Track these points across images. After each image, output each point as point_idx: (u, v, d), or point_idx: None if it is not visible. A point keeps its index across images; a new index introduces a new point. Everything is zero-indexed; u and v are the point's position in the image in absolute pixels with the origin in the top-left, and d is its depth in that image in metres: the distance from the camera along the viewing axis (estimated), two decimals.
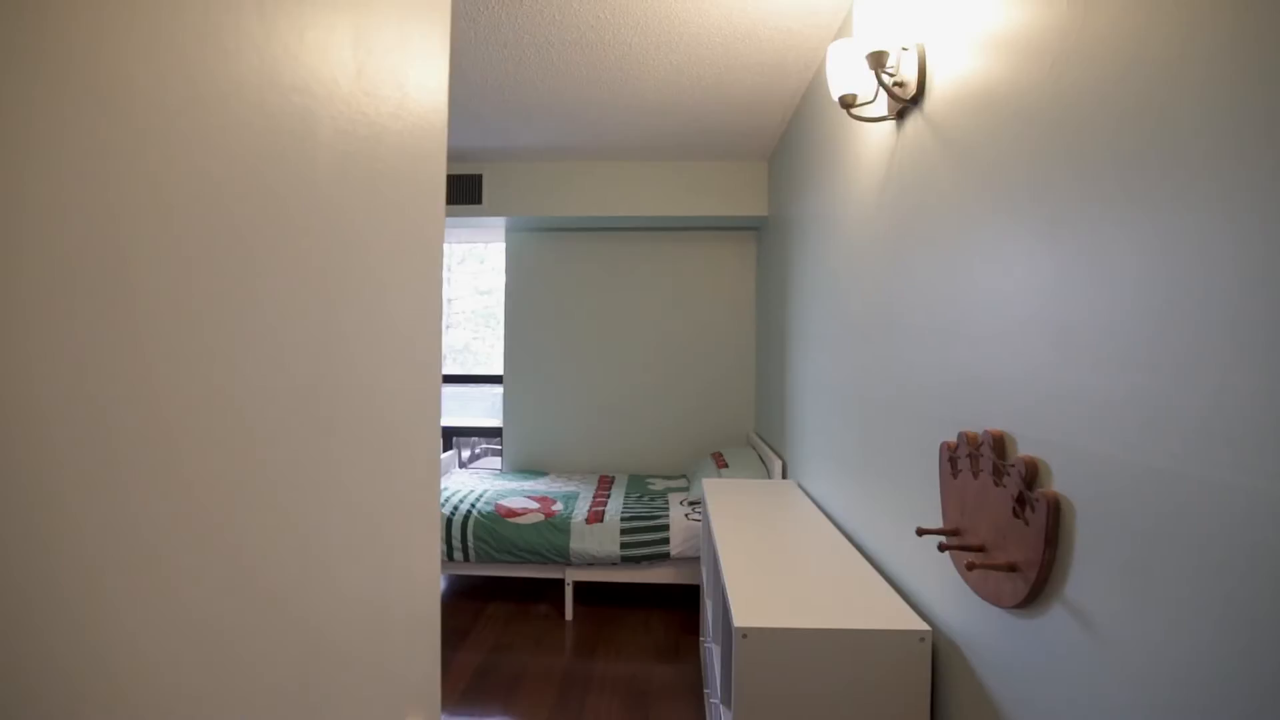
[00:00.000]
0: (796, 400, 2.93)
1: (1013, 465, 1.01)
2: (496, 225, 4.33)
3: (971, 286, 1.22)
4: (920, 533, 1.23)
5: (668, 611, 3.46)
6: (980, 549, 1.10)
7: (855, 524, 1.97)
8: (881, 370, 1.74)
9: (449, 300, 6.10)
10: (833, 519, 2.23)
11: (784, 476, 3.15)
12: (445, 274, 6.29)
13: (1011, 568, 0.99)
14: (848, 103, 1.65)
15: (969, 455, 1.16)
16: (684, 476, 4.25)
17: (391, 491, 0.63)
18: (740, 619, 1.39)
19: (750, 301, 4.39)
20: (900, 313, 1.60)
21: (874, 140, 1.82)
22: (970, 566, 1.01)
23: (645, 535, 3.26)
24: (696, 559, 3.25)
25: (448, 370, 5.78)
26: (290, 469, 0.46)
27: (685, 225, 4.27)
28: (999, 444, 1.08)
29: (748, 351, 4.39)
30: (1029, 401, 1.02)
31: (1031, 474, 0.97)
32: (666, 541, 3.23)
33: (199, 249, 0.36)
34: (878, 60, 1.48)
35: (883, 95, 1.63)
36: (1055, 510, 0.91)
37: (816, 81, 2.59)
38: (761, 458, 3.61)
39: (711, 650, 2.30)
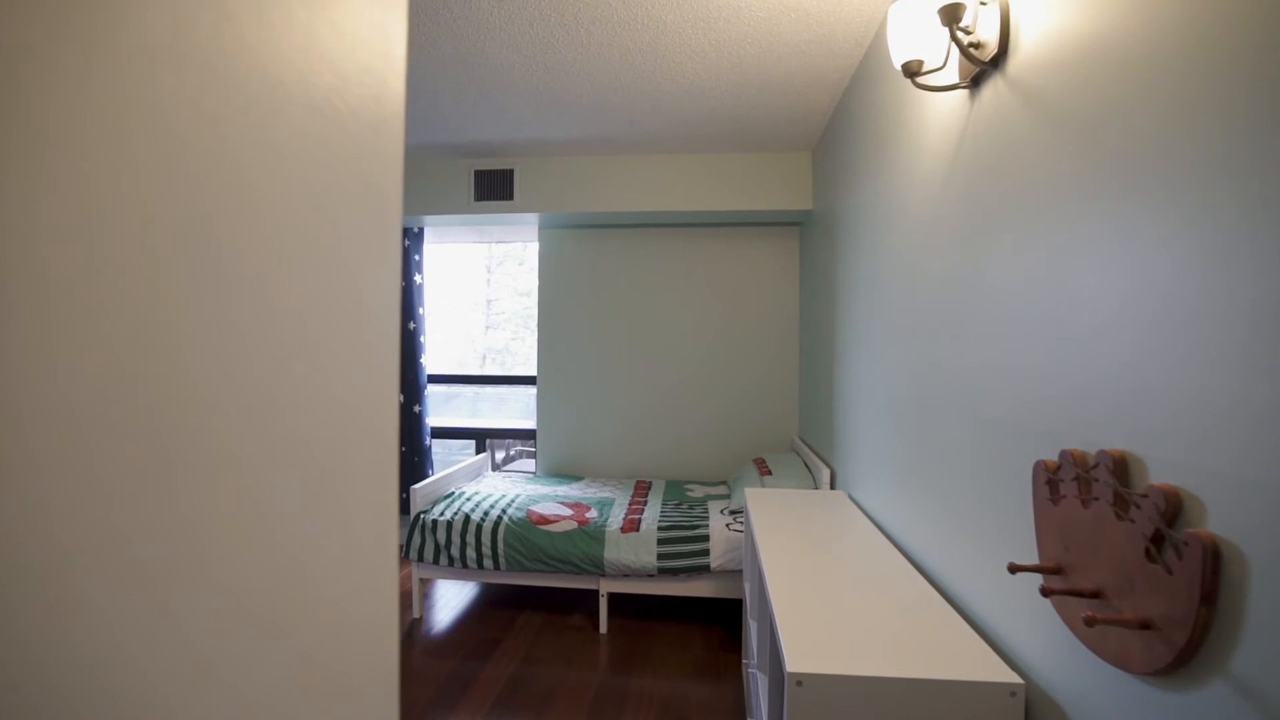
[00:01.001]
0: (846, 405, 2.72)
1: (1144, 496, 0.81)
2: (529, 222, 4.20)
3: (1076, 275, 1.02)
4: (1014, 570, 1.03)
5: (707, 627, 3.28)
6: (1095, 595, 0.90)
7: (920, 548, 1.76)
8: (950, 374, 1.54)
9: (489, 301, 6.12)
10: (892, 539, 2.03)
11: (832, 487, 2.94)
12: (485, 275, 6.31)
13: (1145, 625, 0.79)
14: (912, 70, 1.45)
15: (1076, 479, 0.96)
16: (724, 483, 4.06)
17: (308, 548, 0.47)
18: (794, 662, 1.21)
19: (793, 300, 4.17)
20: (975, 308, 1.40)
21: (941, 114, 1.62)
22: (1090, 622, 0.81)
23: (684, 546, 3.08)
24: (738, 572, 3.06)
25: (488, 371, 5.70)
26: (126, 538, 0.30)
27: (724, 221, 4.07)
28: (1120, 467, 0.87)
29: (790, 352, 4.17)
30: (1164, 415, 0.81)
31: (1173, 508, 0.77)
32: (706, 553, 3.05)
33: None
34: (951, 15, 1.27)
35: (954, 59, 1.43)
36: (1213, 558, 0.71)
37: (868, 60, 2.38)
38: (807, 465, 3.40)
39: (756, 678, 2.12)
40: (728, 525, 3.13)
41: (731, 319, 4.23)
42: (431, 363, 5.32)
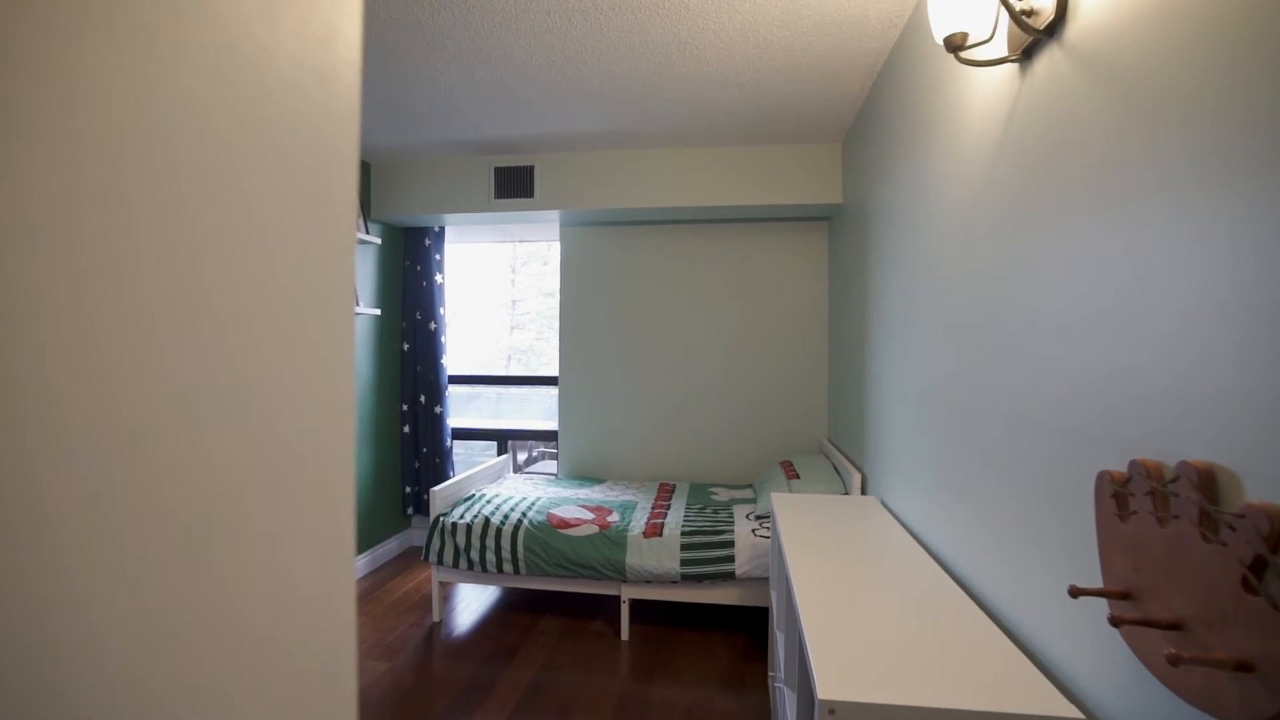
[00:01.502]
0: (879, 407, 2.59)
1: (1239, 516, 0.69)
2: (551, 220, 4.13)
3: (1151, 265, 0.90)
4: (1075, 594, 0.91)
5: (731, 635, 3.17)
6: (1175, 626, 0.78)
7: (963, 561, 1.64)
8: (995, 374, 1.42)
9: (513, 302, 6.12)
10: (930, 550, 1.91)
11: (863, 492, 2.82)
12: (510, 275, 6.28)
13: (1241, 666, 0.68)
14: (956, 44, 1.33)
15: (1149, 493, 0.85)
16: (750, 486, 3.95)
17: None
18: (826, 687, 1.11)
19: (822, 297, 4.04)
20: (1025, 303, 1.28)
21: (986, 93, 1.50)
22: (1174, 661, 0.70)
23: (708, 552, 2.98)
24: (764, 580, 2.95)
25: (513, 372, 5.66)
26: None
27: (750, 216, 3.96)
28: (1208, 482, 0.76)
29: (819, 352, 4.04)
30: (1260, 424, 0.70)
31: (1278, 532, 0.65)
32: (731, 560, 2.94)
33: None
34: None
35: (1003, 29, 1.31)
36: None
37: (904, 39, 2.26)
38: (836, 469, 3.27)
39: (783, 693, 2.01)
40: (753, 531, 3.02)
41: (758, 317, 4.11)
42: (457, 363, 5.28)
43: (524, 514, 3.30)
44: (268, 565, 0.42)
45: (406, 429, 4.44)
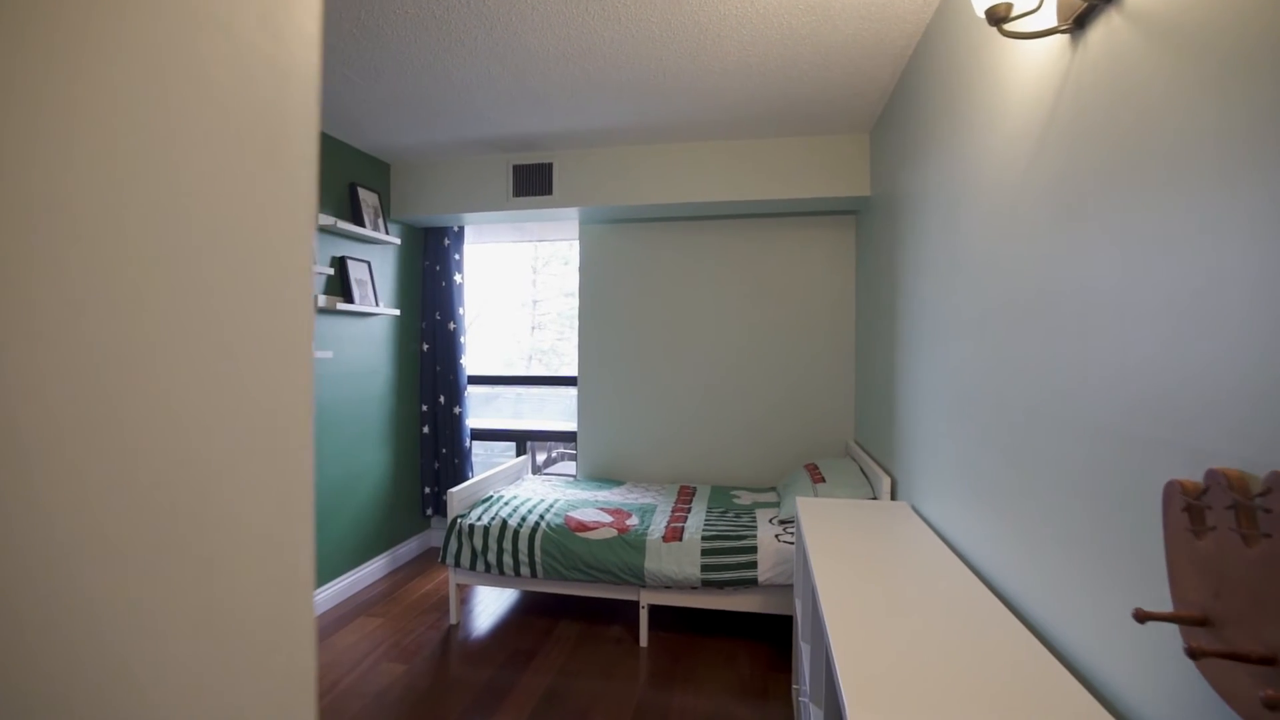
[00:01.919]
0: (910, 407, 2.48)
1: None
2: (570, 218, 4.06)
3: (1230, 252, 0.80)
4: (1142, 618, 0.81)
5: (754, 643, 3.07)
6: (1268, 661, 0.68)
7: (1005, 575, 1.54)
8: (1041, 373, 1.31)
9: (535, 302, 6.12)
10: (968, 561, 1.80)
11: (893, 497, 2.71)
12: (531, 276, 6.25)
13: None
14: (999, 16, 1.23)
15: (1232, 507, 0.75)
16: (774, 489, 3.84)
17: None
18: (857, 712, 1.02)
19: (848, 294, 3.93)
20: (1074, 296, 1.18)
21: (1031, 69, 1.39)
22: (1272, 704, 0.60)
23: (730, 558, 2.88)
24: (788, 587, 2.85)
25: (534, 372, 5.62)
26: None
27: (774, 211, 3.86)
28: None
29: (846, 351, 3.93)
30: None
31: None
32: (754, 565, 2.85)
33: None
34: None
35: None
36: None
37: (938, 19, 2.15)
38: (864, 472, 3.16)
39: (808, 708, 1.92)
40: (777, 536, 2.92)
41: (782, 315, 4.01)
42: (478, 364, 5.24)
43: (541, 516, 3.24)
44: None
45: (426, 429, 4.40)
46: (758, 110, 3.11)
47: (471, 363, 5.06)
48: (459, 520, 3.23)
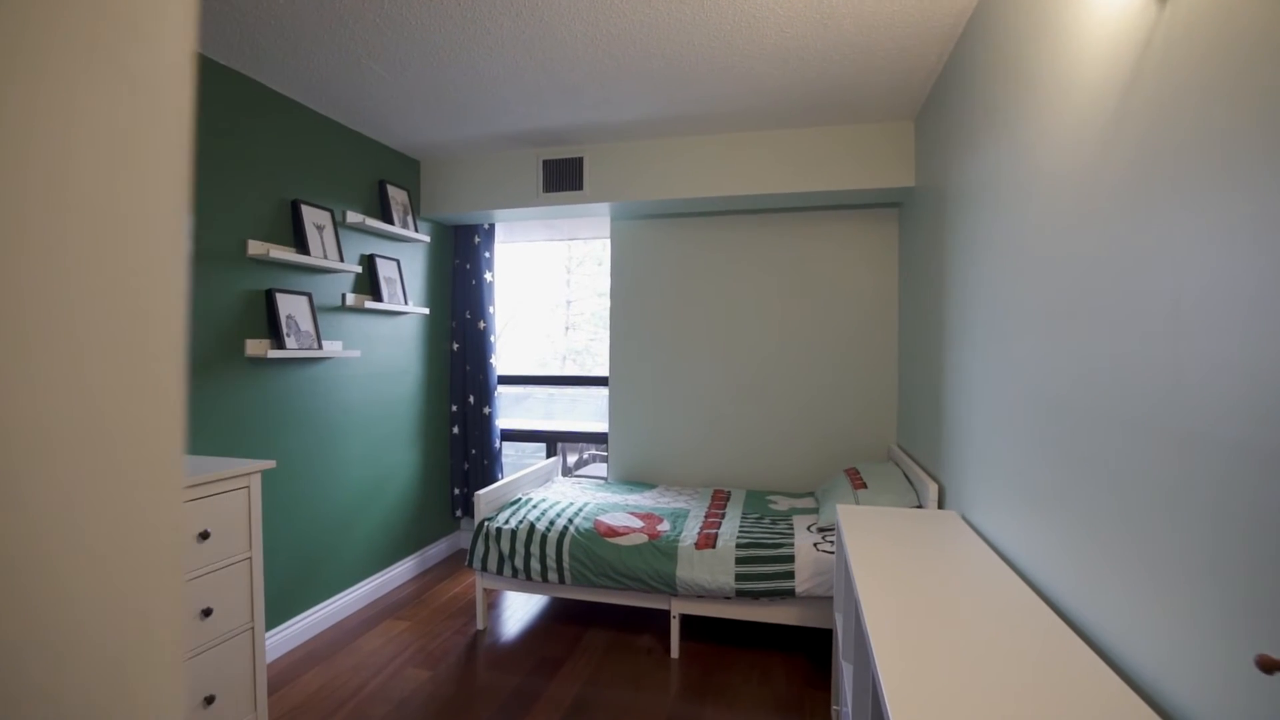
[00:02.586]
0: (960, 411, 2.32)
1: None
2: (601, 214, 3.97)
3: None
4: (1269, 666, 0.68)
5: (790, 657, 2.94)
6: None
7: (1075, 597, 1.39)
8: (1127, 375, 1.17)
9: (568, 302, 6.10)
10: (1025, 576, 1.65)
11: (940, 505, 2.55)
12: (565, 276, 6.22)
13: None
14: None
15: None
16: (811, 495, 3.69)
17: None
18: None
19: (890, 290, 3.76)
20: (1165, 288, 1.03)
21: (1106, 38, 1.25)
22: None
23: (765, 567, 2.75)
24: (827, 599, 2.71)
25: (568, 372, 5.56)
26: None
27: (812, 204, 3.71)
28: None
29: (888, 350, 3.76)
30: None
31: None
32: (790, 576, 2.71)
33: None
34: None
35: None
36: None
37: None
38: (908, 477, 3.00)
39: None
40: (816, 545, 2.78)
41: (820, 313, 3.86)
42: (512, 364, 5.20)
43: (570, 520, 3.15)
44: None
45: (455, 430, 4.36)
46: (795, 97, 2.98)
47: (504, 363, 5.01)
48: (486, 523, 3.16)
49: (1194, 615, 0.95)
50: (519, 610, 3.44)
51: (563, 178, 3.71)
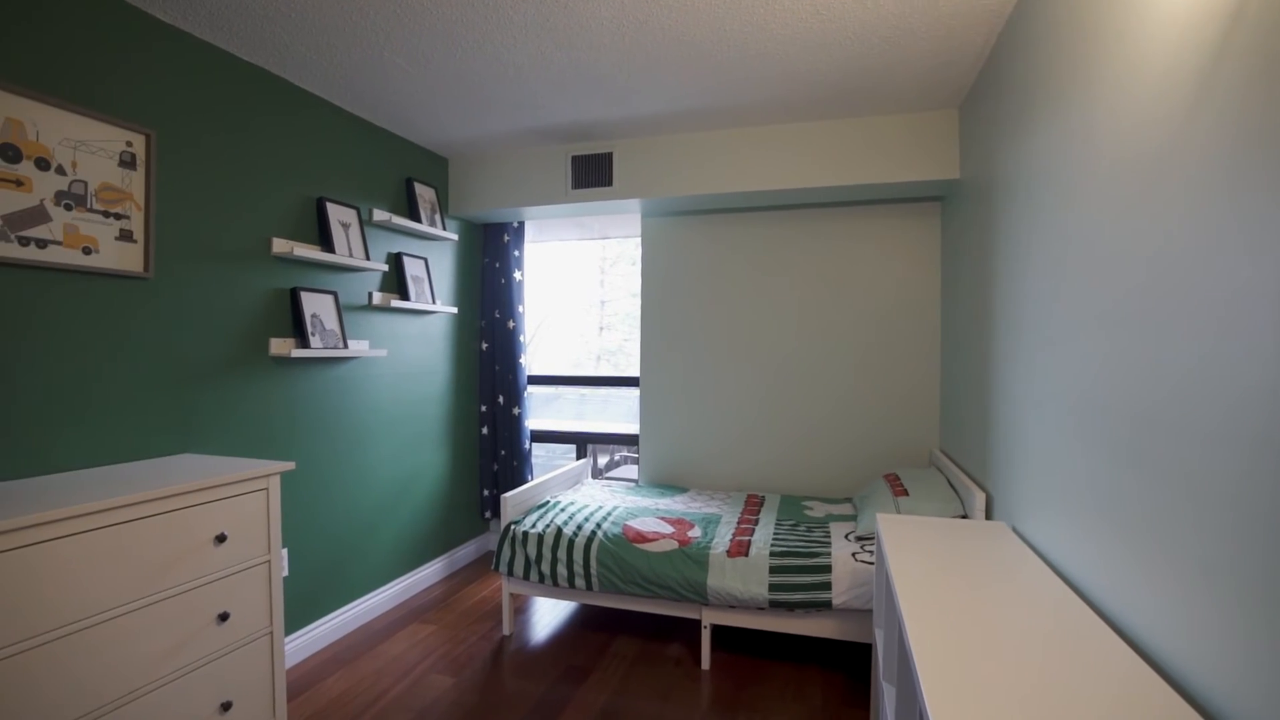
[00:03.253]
0: (1009, 414, 2.17)
1: None
2: (632, 210, 3.88)
3: None
4: None
5: (827, 672, 2.80)
6: None
7: (1142, 619, 1.24)
8: (1224, 377, 1.03)
9: (603, 303, 6.06)
10: (1085, 596, 1.50)
11: (988, 515, 2.39)
12: (599, 276, 6.16)
13: None
14: None
15: None
16: (849, 501, 3.54)
17: None
18: None
19: (932, 288, 3.58)
20: (1262, 282, 0.90)
21: (1184, 5, 1.11)
22: None
23: (800, 577, 2.62)
24: (866, 612, 2.57)
25: (602, 372, 5.50)
26: None
27: (848, 199, 3.56)
28: None
29: (930, 350, 3.59)
30: None
31: None
32: (827, 587, 2.58)
33: None
34: None
35: None
36: None
37: None
38: (952, 484, 2.84)
39: None
40: (854, 555, 2.64)
41: (858, 311, 3.70)
42: (546, 364, 5.14)
43: (598, 525, 3.06)
44: None
45: (485, 430, 4.31)
46: (832, 85, 2.84)
47: (538, 363, 4.95)
48: (513, 527, 3.09)
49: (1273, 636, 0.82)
50: (546, 615, 3.37)
51: (592, 174, 3.63)
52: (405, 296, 3.45)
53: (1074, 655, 1.19)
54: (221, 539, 1.91)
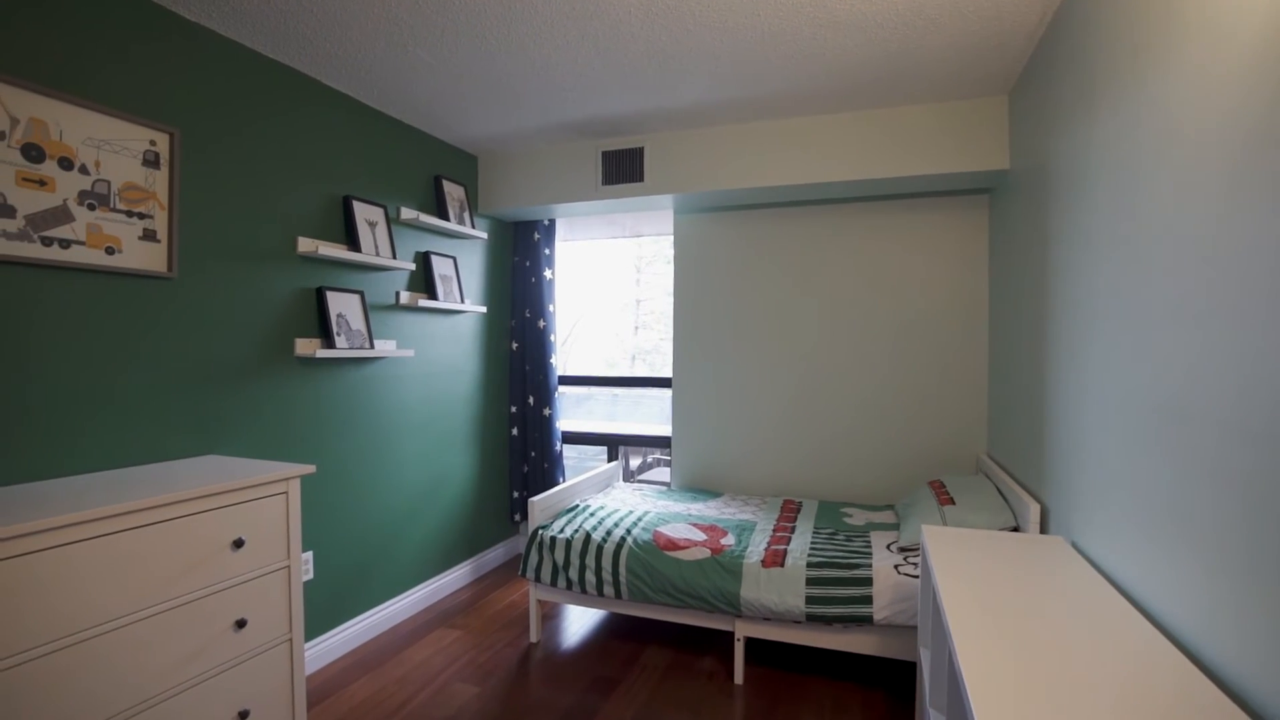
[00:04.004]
0: (1069, 419, 2.00)
1: None
2: (664, 207, 3.78)
3: None
4: None
5: (867, 689, 2.65)
6: None
7: (1237, 661, 1.10)
8: None
9: (638, 302, 6.00)
10: (1160, 624, 1.35)
11: (1043, 529, 2.23)
12: (635, 275, 6.07)
13: None
14: None
15: None
16: (890, 508, 3.38)
17: None
18: None
19: (979, 284, 3.40)
20: None
21: None
22: None
23: (839, 589, 2.49)
24: (910, 629, 2.42)
25: (637, 372, 5.42)
26: None
27: (889, 193, 3.40)
28: None
29: (976, 349, 3.40)
30: None
31: None
32: (868, 600, 2.44)
33: None
34: None
35: None
36: None
37: None
38: (1002, 493, 2.67)
39: None
40: (897, 567, 2.50)
41: (899, 309, 3.54)
42: (580, 364, 5.07)
43: (628, 530, 2.96)
44: None
45: (514, 431, 4.25)
46: (873, 73, 2.70)
47: (572, 363, 4.88)
48: (540, 531, 3.01)
49: None
50: (575, 623, 3.28)
51: (623, 169, 3.53)
52: (433, 296, 3.40)
53: (1150, 693, 1.05)
54: (239, 544, 1.87)
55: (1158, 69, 1.42)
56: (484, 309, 3.82)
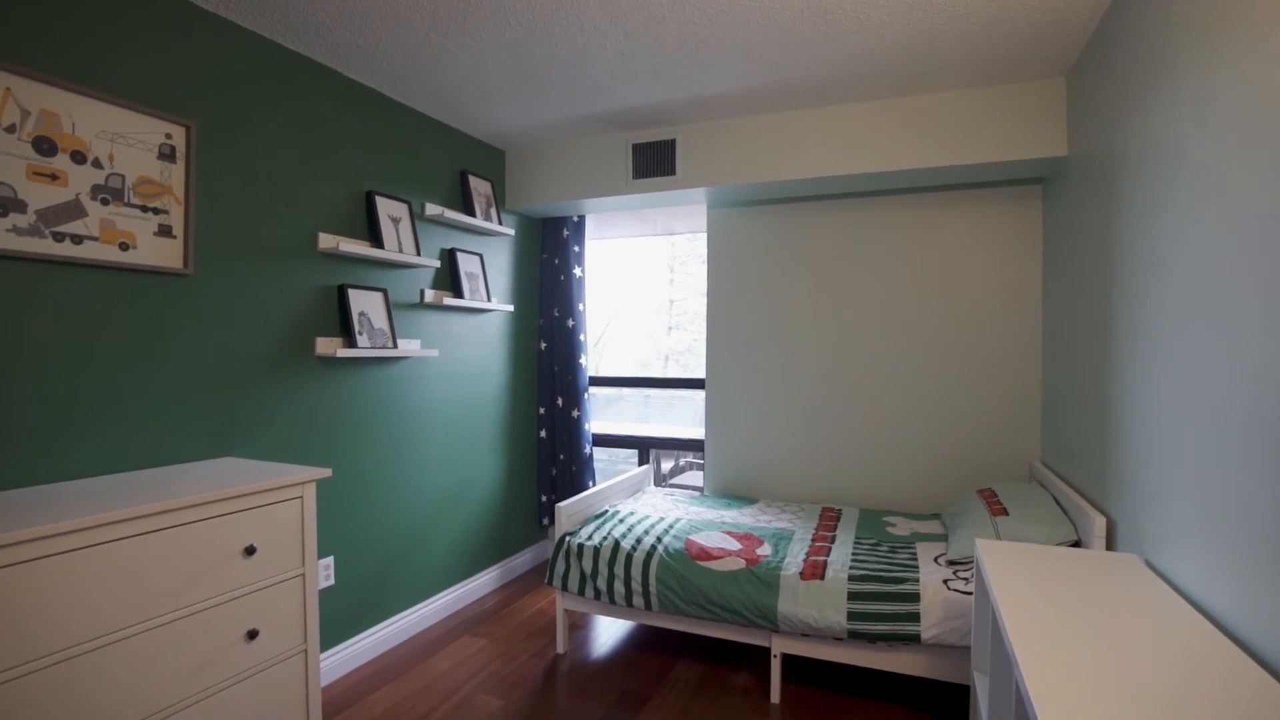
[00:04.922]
0: (1140, 425, 1.82)
1: None
2: (697, 201, 3.64)
3: None
4: None
5: (913, 712, 2.48)
6: None
7: None
8: None
9: (672, 302, 5.90)
10: (1260, 657, 1.17)
11: (1109, 545, 2.04)
12: (668, 275, 5.96)
13: None
14: None
15: None
16: (937, 517, 3.20)
17: None
18: None
19: (1031, 280, 3.20)
20: None
21: None
22: None
23: (883, 605, 2.33)
24: (961, 649, 2.25)
25: (671, 373, 5.30)
26: None
27: (934, 184, 3.22)
28: None
29: (1028, 348, 3.20)
30: None
31: None
32: (915, 618, 2.27)
33: None
34: None
35: None
36: None
37: None
38: (1060, 504, 2.48)
39: None
40: (946, 582, 2.33)
41: (945, 307, 3.35)
42: (613, 364, 4.96)
43: (659, 539, 2.83)
44: None
45: (543, 434, 4.15)
46: (917, 56, 2.53)
47: (604, 363, 4.78)
48: (568, 538, 2.90)
49: None
50: (603, 634, 3.17)
51: (654, 162, 3.41)
52: (459, 294, 3.32)
53: None
54: (251, 551, 1.79)
55: (1247, 40, 1.25)
56: (511, 308, 3.73)
